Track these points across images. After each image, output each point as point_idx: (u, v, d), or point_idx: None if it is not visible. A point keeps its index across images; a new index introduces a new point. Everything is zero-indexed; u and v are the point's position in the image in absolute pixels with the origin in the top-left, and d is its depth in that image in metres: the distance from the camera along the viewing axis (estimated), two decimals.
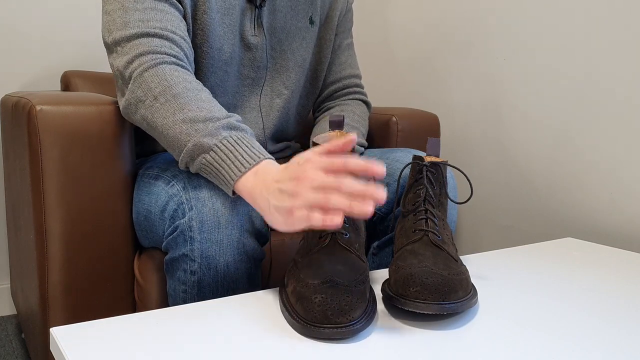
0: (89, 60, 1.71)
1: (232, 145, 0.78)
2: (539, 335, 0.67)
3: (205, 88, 0.87)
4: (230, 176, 0.77)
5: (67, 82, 1.51)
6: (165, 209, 0.89)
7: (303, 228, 0.67)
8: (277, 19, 1.08)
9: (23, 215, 1.07)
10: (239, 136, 0.79)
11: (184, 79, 0.85)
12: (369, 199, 0.63)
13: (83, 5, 1.68)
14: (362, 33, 1.89)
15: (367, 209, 0.62)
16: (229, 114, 0.83)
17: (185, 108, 0.81)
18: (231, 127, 0.80)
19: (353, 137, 0.69)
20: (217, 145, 0.78)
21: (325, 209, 0.64)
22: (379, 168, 0.64)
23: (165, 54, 0.87)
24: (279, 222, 0.70)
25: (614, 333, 0.69)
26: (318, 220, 0.64)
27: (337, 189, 0.64)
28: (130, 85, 0.86)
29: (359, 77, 1.24)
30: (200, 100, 0.83)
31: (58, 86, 1.66)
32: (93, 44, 1.71)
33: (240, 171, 0.76)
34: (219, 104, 0.84)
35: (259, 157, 0.77)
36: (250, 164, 0.76)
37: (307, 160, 0.68)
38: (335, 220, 0.63)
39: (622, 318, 0.74)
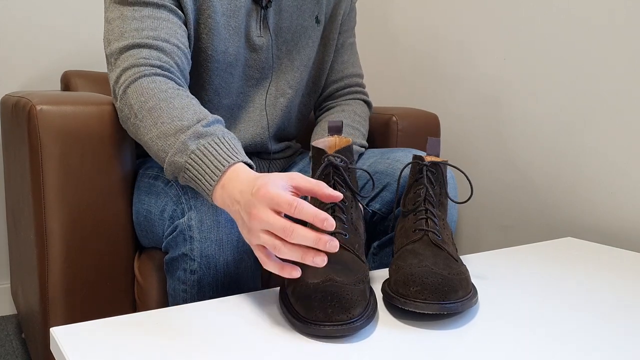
0: (89, 60, 1.71)
1: (200, 159, 0.78)
2: (539, 335, 0.67)
3: (181, 90, 0.87)
4: (205, 192, 0.78)
5: (67, 82, 1.51)
6: (164, 209, 0.89)
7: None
8: (283, 19, 1.08)
9: (23, 215, 1.07)
10: (205, 145, 0.78)
11: (159, 89, 0.85)
12: (320, 250, 0.64)
13: (83, 5, 1.68)
14: (362, 32, 1.89)
15: (319, 262, 0.63)
16: (200, 115, 0.82)
17: (159, 122, 0.82)
18: (198, 136, 0.79)
19: (338, 195, 0.68)
20: (188, 162, 0.78)
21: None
22: (329, 223, 0.63)
23: (149, 65, 0.88)
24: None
25: (614, 333, 0.69)
26: (275, 270, 0.66)
27: (286, 238, 0.64)
28: (118, 103, 0.89)
29: (361, 76, 1.24)
30: (173, 109, 0.83)
31: (58, 86, 1.66)
32: (93, 44, 1.71)
33: (210, 185, 0.76)
34: (193, 105, 0.84)
35: (224, 165, 0.76)
36: (217, 176, 0.76)
37: (259, 192, 0.67)
38: (293, 274, 0.65)
39: (622, 318, 0.74)
